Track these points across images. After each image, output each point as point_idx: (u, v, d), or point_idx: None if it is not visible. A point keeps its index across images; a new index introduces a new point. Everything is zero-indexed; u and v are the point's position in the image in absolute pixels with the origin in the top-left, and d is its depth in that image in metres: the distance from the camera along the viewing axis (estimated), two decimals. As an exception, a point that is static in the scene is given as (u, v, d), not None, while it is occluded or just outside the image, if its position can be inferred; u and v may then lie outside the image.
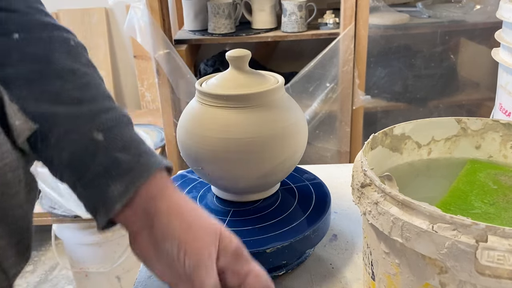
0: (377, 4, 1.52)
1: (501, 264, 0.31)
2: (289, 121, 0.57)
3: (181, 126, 0.59)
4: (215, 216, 0.59)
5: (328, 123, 1.58)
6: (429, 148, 0.54)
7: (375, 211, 0.39)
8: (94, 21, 2.12)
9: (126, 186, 0.41)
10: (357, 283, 0.56)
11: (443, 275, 0.35)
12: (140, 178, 0.41)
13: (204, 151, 0.56)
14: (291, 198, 0.63)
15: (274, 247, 0.52)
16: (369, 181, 0.41)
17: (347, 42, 1.44)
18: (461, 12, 1.61)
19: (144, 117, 2.12)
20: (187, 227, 0.42)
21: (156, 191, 0.42)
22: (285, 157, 0.57)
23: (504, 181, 0.47)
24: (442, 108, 1.71)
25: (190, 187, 0.66)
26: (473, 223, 0.32)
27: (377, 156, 0.50)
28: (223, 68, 1.64)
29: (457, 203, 0.44)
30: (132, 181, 0.41)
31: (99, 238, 1.46)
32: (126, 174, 0.41)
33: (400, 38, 1.62)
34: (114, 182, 0.41)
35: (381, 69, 1.64)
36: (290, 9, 1.50)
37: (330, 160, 1.64)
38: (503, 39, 0.77)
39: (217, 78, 0.60)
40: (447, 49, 1.68)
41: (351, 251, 0.61)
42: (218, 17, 1.53)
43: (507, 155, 0.52)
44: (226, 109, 0.55)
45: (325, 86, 1.52)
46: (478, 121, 0.52)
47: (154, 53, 1.46)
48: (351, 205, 0.72)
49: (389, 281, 0.41)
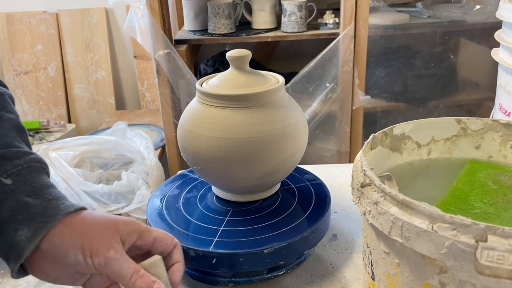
0: (377, 4, 1.52)
1: (500, 264, 0.31)
2: (290, 121, 0.57)
3: (182, 126, 0.59)
4: (214, 216, 0.59)
5: (328, 123, 1.58)
6: (429, 148, 0.54)
7: (375, 211, 0.39)
8: (94, 21, 2.12)
9: (33, 231, 0.41)
10: (357, 283, 0.56)
11: (443, 275, 0.35)
12: (48, 223, 0.42)
13: (204, 151, 0.56)
14: (291, 198, 0.63)
15: (272, 248, 0.52)
16: (369, 181, 0.41)
17: (347, 42, 1.44)
18: (460, 12, 1.61)
19: (144, 117, 2.12)
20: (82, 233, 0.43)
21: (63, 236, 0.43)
22: (285, 157, 0.57)
23: (504, 181, 0.47)
24: (442, 108, 1.71)
25: (191, 187, 0.66)
26: (472, 223, 0.32)
27: (377, 156, 0.50)
28: (223, 68, 1.64)
29: (457, 203, 0.44)
30: (40, 226, 0.42)
31: (99, 238, 1.46)
32: (34, 219, 0.42)
33: (400, 38, 1.62)
34: (22, 227, 0.41)
35: (381, 69, 1.64)
36: (290, 9, 1.50)
37: (330, 160, 1.64)
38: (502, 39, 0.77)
39: (217, 78, 0.60)
40: (446, 49, 1.68)
41: (351, 251, 0.62)
42: (218, 17, 1.53)
43: (507, 155, 0.52)
44: (227, 109, 0.55)
45: (325, 86, 1.52)
46: (478, 121, 0.52)
47: (154, 53, 1.46)
48: (351, 205, 0.72)
49: (389, 281, 0.41)
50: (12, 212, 0.42)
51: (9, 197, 0.42)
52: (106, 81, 2.17)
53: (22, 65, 2.15)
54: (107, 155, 1.61)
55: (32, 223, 0.41)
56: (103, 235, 0.43)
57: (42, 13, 2.12)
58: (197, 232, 0.56)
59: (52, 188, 0.45)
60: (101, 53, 2.14)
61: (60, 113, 2.20)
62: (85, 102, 2.20)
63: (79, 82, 2.17)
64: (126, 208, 1.42)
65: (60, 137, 1.92)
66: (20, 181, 0.44)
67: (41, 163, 0.47)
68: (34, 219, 0.42)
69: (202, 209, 0.61)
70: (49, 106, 2.19)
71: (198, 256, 0.52)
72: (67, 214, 0.43)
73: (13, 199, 0.42)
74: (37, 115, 2.20)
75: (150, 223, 0.58)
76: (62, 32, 2.13)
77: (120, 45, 2.19)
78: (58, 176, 1.40)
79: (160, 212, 0.60)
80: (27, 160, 0.45)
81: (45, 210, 0.42)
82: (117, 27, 2.16)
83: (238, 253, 0.52)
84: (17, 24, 2.12)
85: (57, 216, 0.42)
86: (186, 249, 0.52)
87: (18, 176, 0.44)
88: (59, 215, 0.43)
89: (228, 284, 0.56)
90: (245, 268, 0.52)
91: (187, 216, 0.59)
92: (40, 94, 2.18)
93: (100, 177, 1.52)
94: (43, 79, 2.16)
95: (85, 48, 2.14)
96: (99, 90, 2.18)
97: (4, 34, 2.13)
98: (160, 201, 0.63)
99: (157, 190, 0.66)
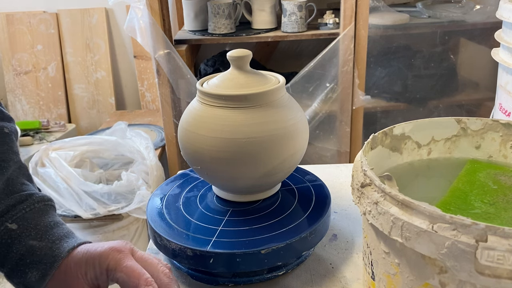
0: (377, 4, 1.52)
1: (501, 264, 0.31)
2: (290, 122, 0.57)
3: (182, 126, 0.59)
4: (214, 216, 0.59)
5: (328, 123, 1.58)
6: (429, 148, 0.54)
7: (375, 211, 0.39)
8: (94, 21, 2.12)
9: (42, 273, 0.46)
10: (357, 283, 0.56)
11: (443, 275, 0.35)
12: (54, 263, 0.46)
13: (205, 151, 0.56)
14: (291, 199, 0.63)
15: (270, 248, 0.52)
16: (369, 181, 0.41)
17: (347, 42, 1.44)
18: (460, 12, 1.61)
19: (144, 117, 2.12)
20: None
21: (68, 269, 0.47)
22: (286, 157, 0.57)
23: (504, 181, 0.47)
24: (442, 108, 1.71)
25: (191, 186, 0.66)
26: (473, 223, 0.32)
27: (377, 156, 0.50)
28: (223, 68, 1.64)
29: (457, 203, 0.44)
30: (47, 267, 0.46)
31: (99, 238, 1.46)
32: (41, 261, 0.46)
33: (400, 38, 1.62)
34: (31, 270, 0.46)
35: (381, 69, 1.64)
36: (290, 9, 1.50)
37: (330, 160, 1.64)
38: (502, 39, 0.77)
39: (218, 78, 0.60)
40: (447, 49, 1.68)
41: (351, 251, 0.62)
42: (218, 17, 1.53)
43: (507, 155, 0.52)
44: (227, 109, 0.55)
45: (325, 86, 1.52)
46: (478, 121, 0.52)
47: (154, 53, 1.46)
48: (351, 205, 0.72)
49: (389, 281, 0.41)
50: (20, 256, 0.46)
51: (16, 241, 0.47)
52: (106, 81, 2.17)
53: (22, 65, 2.15)
54: (107, 155, 1.61)
55: (40, 266, 0.46)
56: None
57: (42, 13, 2.12)
58: (195, 232, 0.56)
59: (55, 228, 0.49)
60: (101, 53, 2.14)
61: (60, 113, 2.20)
62: (85, 102, 2.20)
63: (79, 82, 2.17)
64: (126, 208, 1.42)
65: (60, 137, 1.92)
66: (25, 225, 0.48)
67: (44, 201, 0.51)
68: (41, 261, 0.46)
69: (202, 208, 0.61)
70: (49, 106, 2.19)
71: (195, 255, 0.52)
72: (71, 250, 0.48)
73: (20, 244, 0.47)
74: (37, 115, 2.20)
75: (150, 222, 0.58)
76: (62, 32, 2.13)
77: (120, 45, 2.19)
78: (58, 176, 1.40)
79: (160, 211, 0.60)
80: (30, 203, 0.50)
81: (51, 251, 0.47)
82: (117, 27, 2.16)
83: (235, 253, 0.51)
84: (17, 24, 2.12)
85: (63, 255, 0.47)
86: (184, 249, 0.52)
87: (23, 220, 0.48)
88: (64, 254, 0.47)
89: (228, 284, 0.56)
90: (242, 268, 0.52)
91: (186, 215, 0.59)
92: (40, 94, 2.18)
93: (100, 177, 1.52)
94: (43, 79, 2.16)
95: (85, 48, 2.14)
96: (99, 90, 2.18)
97: (4, 34, 2.13)
98: (161, 200, 0.63)
99: (158, 189, 0.66)
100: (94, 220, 1.42)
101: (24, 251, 0.46)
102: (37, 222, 0.49)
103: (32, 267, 0.46)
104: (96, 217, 1.40)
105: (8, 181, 0.50)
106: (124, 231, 1.49)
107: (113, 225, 1.46)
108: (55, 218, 0.51)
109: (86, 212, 1.37)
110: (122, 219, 1.46)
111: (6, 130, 0.53)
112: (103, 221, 1.44)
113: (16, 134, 0.55)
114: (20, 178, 0.52)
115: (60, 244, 0.48)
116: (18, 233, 0.47)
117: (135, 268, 0.46)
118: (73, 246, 0.48)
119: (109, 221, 1.45)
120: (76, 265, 0.47)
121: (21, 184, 0.51)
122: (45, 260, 0.46)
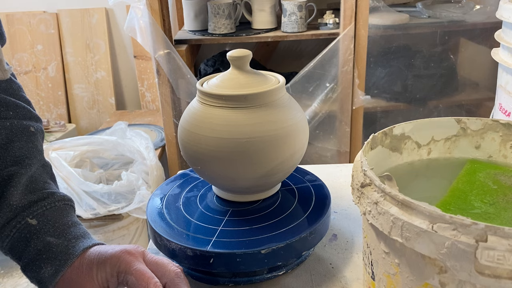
0: (377, 4, 1.52)
1: (500, 264, 0.31)
2: (290, 122, 0.57)
3: (182, 126, 0.59)
4: (214, 216, 0.59)
5: (328, 123, 1.58)
6: (429, 148, 0.54)
7: (375, 211, 0.39)
8: (94, 21, 2.12)
9: (55, 269, 0.48)
10: (357, 282, 0.56)
11: (443, 274, 0.35)
12: (68, 260, 0.48)
13: (205, 151, 0.56)
14: (291, 199, 0.63)
15: (269, 248, 0.52)
16: (369, 181, 0.41)
17: (347, 42, 1.44)
18: (460, 12, 1.61)
19: (144, 117, 2.12)
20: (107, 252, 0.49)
21: (80, 269, 0.49)
22: (285, 157, 0.57)
23: (504, 181, 0.47)
24: (442, 108, 1.71)
25: (191, 186, 0.66)
26: (473, 223, 0.32)
27: (377, 156, 0.50)
28: (223, 68, 1.64)
29: (457, 203, 0.44)
30: (61, 264, 0.48)
31: (100, 238, 1.46)
32: (55, 258, 0.48)
33: (400, 38, 1.62)
34: (46, 265, 0.48)
35: (381, 69, 1.64)
36: (290, 9, 1.50)
37: (330, 160, 1.64)
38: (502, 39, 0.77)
39: (218, 78, 0.60)
40: (446, 49, 1.68)
41: (351, 251, 0.62)
42: (218, 17, 1.53)
43: (507, 155, 0.52)
44: (227, 109, 0.55)
45: (325, 86, 1.52)
46: (478, 121, 0.52)
47: (154, 53, 1.46)
48: (351, 205, 0.72)
49: (389, 281, 0.41)
50: (38, 251, 0.48)
51: (34, 236, 0.49)
52: (106, 81, 2.17)
53: (22, 65, 2.15)
54: (107, 155, 1.61)
55: (55, 262, 0.48)
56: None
57: (42, 13, 2.12)
58: (195, 232, 0.56)
59: (73, 227, 0.51)
60: (101, 53, 2.14)
61: (60, 113, 2.20)
62: (85, 102, 2.20)
63: (79, 82, 2.17)
64: (126, 208, 1.42)
65: (60, 137, 1.92)
66: (44, 222, 0.50)
67: (65, 200, 0.53)
68: (56, 257, 0.48)
69: (202, 208, 0.61)
70: (49, 106, 2.19)
71: (195, 255, 0.52)
72: (85, 250, 0.49)
73: (38, 239, 0.49)
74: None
75: (150, 222, 0.58)
76: (62, 32, 2.13)
77: (120, 45, 2.19)
78: (58, 176, 1.40)
79: (160, 211, 0.60)
80: (51, 201, 0.52)
81: (66, 249, 0.49)
82: (117, 27, 2.16)
83: (235, 253, 0.51)
84: (17, 24, 2.12)
85: (76, 254, 0.49)
86: (184, 249, 0.52)
87: (43, 217, 0.50)
88: (77, 253, 0.49)
89: (228, 284, 0.56)
90: (242, 268, 0.52)
91: (186, 215, 0.59)
92: (40, 94, 2.18)
93: (100, 177, 1.52)
94: (43, 79, 2.16)
95: (85, 48, 2.14)
96: (99, 90, 2.18)
97: (4, 34, 2.12)
98: (161, 200, 0.63)
99: (158, 189, 0.66)
100: (94, 220, 1.42)
101: (41, 246, 0.48)
102: (56, 220, 0.50)
103: (47, 262, 0.48)
104: (96, 217, 1.40)
105: (32, 178, 0.52)
106: (124, 231, 1.49)
107: (113, 225, 1.46)
108: (74, 218, 0.53)
109: (86, 212, 1.37)
110: (122, 219, 1.46)
111: (32, 129, 0.55)
112: (103, 221, 1.44)
113: (41, 134, 0.57)
114: (43, 176, 0.54)
115: (75, 243, 0.49)
116: (38, 229, 0.49)
117: (144, 271, 0.47)
118: (87, 246, 0.49)
119: (109, 221, 1.45)
120: (88, 266, 0.48)
121: (43, 182, 0.53)
122: (59, 257, 0.48)
